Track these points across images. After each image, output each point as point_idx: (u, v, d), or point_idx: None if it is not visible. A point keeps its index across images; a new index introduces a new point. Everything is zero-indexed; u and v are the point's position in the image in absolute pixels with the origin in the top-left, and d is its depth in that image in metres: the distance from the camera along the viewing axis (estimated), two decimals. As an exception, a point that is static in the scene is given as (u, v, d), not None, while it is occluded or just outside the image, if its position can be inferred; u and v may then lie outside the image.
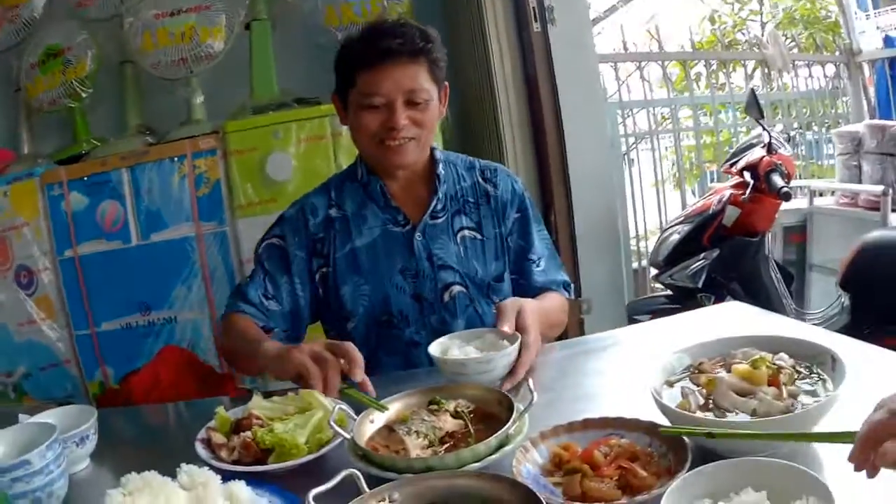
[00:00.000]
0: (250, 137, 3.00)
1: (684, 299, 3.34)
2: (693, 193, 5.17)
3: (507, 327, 1.66)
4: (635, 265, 4.66)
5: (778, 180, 3.09)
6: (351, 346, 1.61)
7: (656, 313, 3.41)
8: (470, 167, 2.04)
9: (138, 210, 3.12)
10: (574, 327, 3.07)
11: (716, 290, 3.28)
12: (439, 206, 1.95)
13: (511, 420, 1.27)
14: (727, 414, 1.16)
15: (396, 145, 1.84)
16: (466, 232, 1.97)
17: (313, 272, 1.96)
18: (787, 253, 4.22)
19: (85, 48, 3.31)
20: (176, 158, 3.07)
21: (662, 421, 1.18)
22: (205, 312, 3.17)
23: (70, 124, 3.41)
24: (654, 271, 3.66)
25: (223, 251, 3.11)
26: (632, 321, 3.38)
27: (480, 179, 2.02)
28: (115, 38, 3.36)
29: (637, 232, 4.64)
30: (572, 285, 2.09)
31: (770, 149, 3.27)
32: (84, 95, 3.32)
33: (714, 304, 3.20)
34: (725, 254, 3.27)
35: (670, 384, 1.27)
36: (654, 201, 4.65)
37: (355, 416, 1.44)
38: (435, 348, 1.68)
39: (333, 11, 3.19)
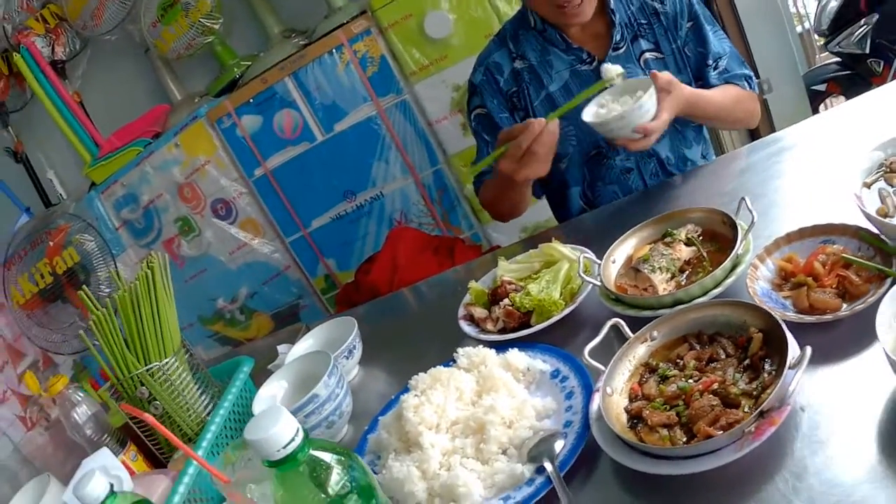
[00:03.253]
0: (400, 6, 3.05)
1: (855, 65, 3.37)
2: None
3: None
4: (799, 29, 4.44)
5: None
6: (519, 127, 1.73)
7: (831, 81, 3.48)
8: None
9: (314, 109, 3.23)
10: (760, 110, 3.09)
11: (883, 53, 3.26)
12: (619, 37, 1.99)
13: (738, 241, 1.37)
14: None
15: (572, 10, 1.87)
16: (648, 55, 2.02)
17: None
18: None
19: (200, -16, 3.37)
20: (334, 50, 3.14)
21: (867, 223, 1.25)
22: (408, 179, 3.29)
23: (213, 56, 3.49)
24: (821, 40, 3.64)
25: (409, 117, 3.19)
26: (810, 91, 3.42)
27: None
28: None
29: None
30: (755, 79, 2.10)
31: None
32: (217, 27, 3.38)
33: (884, 68, 3.26)
34: (884, 17, 3.23)
35: (868, 185, 1.33)
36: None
37: (598, 260, 1.56)
38: (589, 115, 1.76)
39: None
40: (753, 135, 3.10)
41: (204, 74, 3.62)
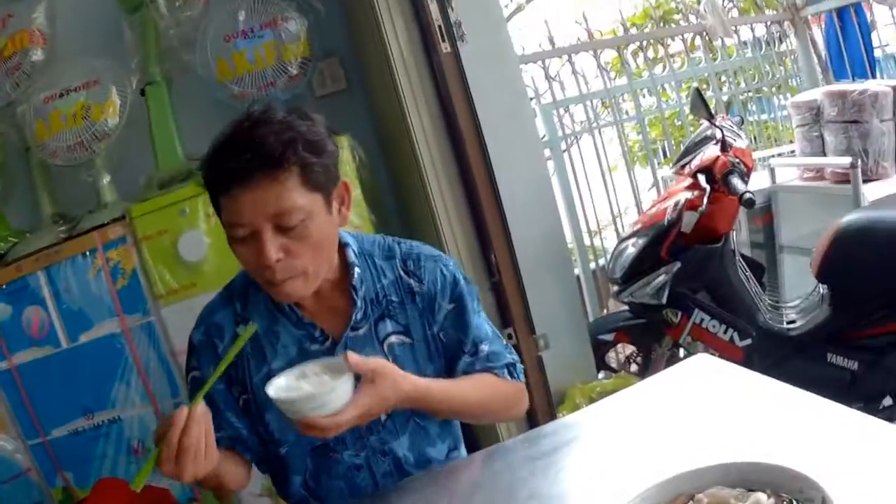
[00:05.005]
0: (158, 219, 2.80)
1: (648, 313, 3.11)
2: (654, 173, 4.88)
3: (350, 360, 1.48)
4: (593, 265, 4.46)
5: (738, 184, 2.75)
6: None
7: (620, 331, 3.22)
8: (389, 256, 1.76)
9: (61, 312, 2.94)
10: (533, 367, 2.81)
11: (681, 302, 3.02)
12: (360, 316, 1.70)
13: None
14: None
15: (279, 284, 1.57)
16: (394, 338, 1.73)
17: (237, 399, 1.74)
18: (753, 235, 3.94)
19: (-16, 141, 3.11)
20: (88, 252, 2.87)
21: None
22: (148, 408, 3.00)
23: (-12, 219, 3.22)
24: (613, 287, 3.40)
25: (154, 343, 2.92)
26: (595, 342, 3.18)
27: (403, 273, 1.74)
28: (15, 125, 3.14)
29: (589, 227, 4.47)
30: (519, 365, 1.84)
31: (724, 145, 2.94)
32: (-7, 191, 3.12)
33: (681, 317, 2.98)
34: (688, 265, 2.98)
35: None
36: (602, 194, 4.48)
37: None
38: (272, 389, 1.49)
39: (225, 63, 2.93)
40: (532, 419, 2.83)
41: (-23, 235, 3.34)
